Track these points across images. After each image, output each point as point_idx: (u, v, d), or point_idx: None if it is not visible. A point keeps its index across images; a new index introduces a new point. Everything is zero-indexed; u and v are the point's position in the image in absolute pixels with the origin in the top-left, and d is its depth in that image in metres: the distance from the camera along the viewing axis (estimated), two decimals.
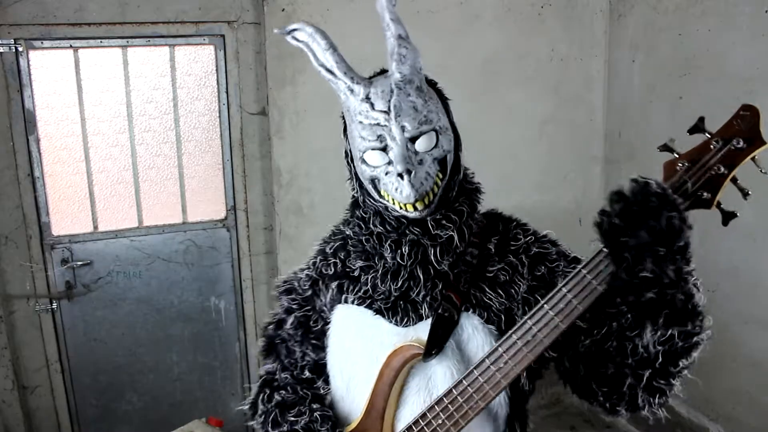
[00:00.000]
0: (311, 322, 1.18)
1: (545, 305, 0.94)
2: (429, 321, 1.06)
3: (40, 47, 2.47)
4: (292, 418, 1.11)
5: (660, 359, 0.91)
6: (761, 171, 0.87)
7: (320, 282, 1.17)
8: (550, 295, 0.94)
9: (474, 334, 1.05)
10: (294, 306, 1.20)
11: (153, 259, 2.77)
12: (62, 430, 2.79)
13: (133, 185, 2.71)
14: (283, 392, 1.16)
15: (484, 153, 3.08)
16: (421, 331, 1.06)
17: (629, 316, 0.91)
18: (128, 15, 2.50)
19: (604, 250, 0.91)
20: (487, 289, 1.07)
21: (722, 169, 0.86)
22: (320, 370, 1.18)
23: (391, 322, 1.08)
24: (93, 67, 2.56)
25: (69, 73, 2.53)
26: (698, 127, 0.89)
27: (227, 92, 2.72)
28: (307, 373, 1.18)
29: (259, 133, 2.77)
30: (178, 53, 2.66)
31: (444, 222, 1.03)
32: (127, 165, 2.69)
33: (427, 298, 1.06)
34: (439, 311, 1.04)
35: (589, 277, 0.92)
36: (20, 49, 2.43)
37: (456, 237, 1.03)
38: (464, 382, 0.99)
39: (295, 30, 1.03)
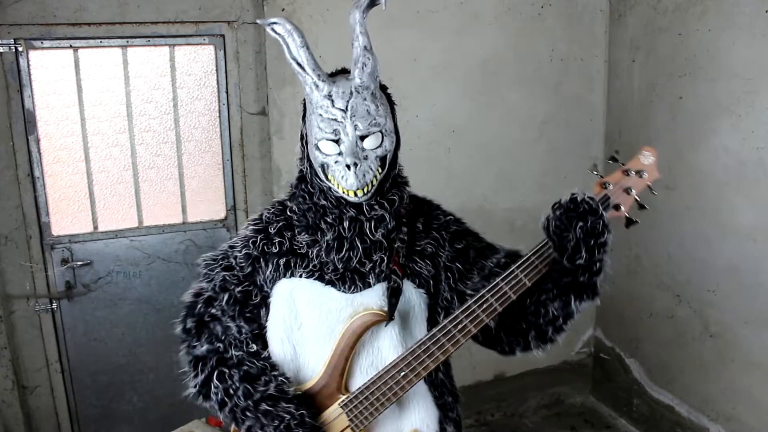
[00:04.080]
0: (252, 297, 1.31)
1: (501, 282, 1.17)
2: (375, 288, 1.25)
3: (40, 47, 2.47)
4: (262, 387, 1.23)
5: (560, 320, 1.20)
6: (653, 192, 1.20)
7: (261, 259, 1.30)
8: (505, 274, 1.17)
9: (410, 297, 1.26)
10: (233, 282, 1.31)
11: (153, 259, 2.77)
12: (62, 430, 2.79)
13: (133, 185, 2.71)
14: (245, 367, 1.26)
15: (484, 153, 3.10)
16: (367, 297, 1.25)
17: (554, 291, 1.18)
18: (128, 15, 2.50)
19: (548, 243, 1.16)
20: (417, 260, 1.28)
21: (632, 190, 1.19)
22: (256, 340, 1.32)
23: (340, 290, 1.25)
24: (93, 67, 2.56)
25: (69, 73, 2.53)
26: (615, 159, 1.24)
27: (227, 92, 2.72)
28: (253, 346, 1.30)
29: (259, 133, 2.77)
30: (178, 53, 2.66)
31: (377, 207, 1.22)
32: (127, 165, 2.69)
33: (375, 270, 1.24)
34: (391, 282, 1.23)
35: (537, 262, 1.17)
36: (20, 49, 2.43)
37: (387, 217, 1.23)
38: (427, 341, 1.19)
39: (275, 23, 1.20)
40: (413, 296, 1.26)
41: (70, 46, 2.50)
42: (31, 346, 2.66)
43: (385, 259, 1.24)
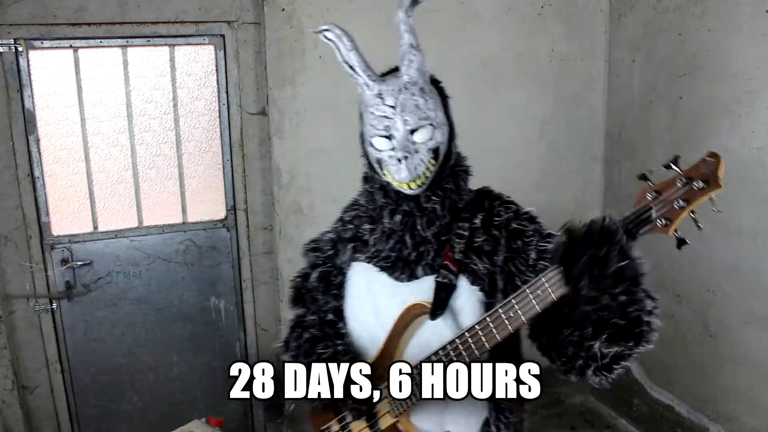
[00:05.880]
0: (332, 276, 1.44)
1: (527, 289, 1.10)
2: (423, 280, 1.28)
3: (40, 47, 2.47)
4: (320, 351, 1.35)
5: (606, 359, 1.07)
6: (714, 210, 1.00)
7: (339, 243, 1.42)
8: (533, 281, 1.10)
9: (462, 294, 1.27)
10: (319, 262, 1.45)
11: (153, 259, 2.77)
12: (62, 430, 2.79)
13: (133, 185, 2.71)
14: (312, 330, 1.39)
15: (484, 153, 3.08)
16: (414, 287, 1.29)
17: (588, 326, 1.06)
18: (128, 15, 2.50)
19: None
20: (474, 257, 1.27)
21: (682, 203, 0.99)
22: (340, 314, 1.43)
23: (390, 277, 1.31)
24: (93, 67, 2.56)
25: (69, 73, 2.53)
26: (671, 165, 1.02)
27: (227, 92, 2.72)
28: (330, 316, 1.42)
29: (259, 133, 2.77)
30: (178, 53, 2.66)
31: (432, 196, 1.26)
32: (127, 165, 2.69)
33: (422, 262, 1.28)
34: (438, 279, 1.26)
35: (546, 285, 1.07)
36: (20, 49, 2.43)
37: (439, 207, 1.26)
38: (464, 335, 1.19)
39: (326, 30, 1.24)
40: (467, 293, 1.26)
41: (70, 46, 2.50)
42: (31, 346, 2.66)
43: (432, 252, 1.27)
